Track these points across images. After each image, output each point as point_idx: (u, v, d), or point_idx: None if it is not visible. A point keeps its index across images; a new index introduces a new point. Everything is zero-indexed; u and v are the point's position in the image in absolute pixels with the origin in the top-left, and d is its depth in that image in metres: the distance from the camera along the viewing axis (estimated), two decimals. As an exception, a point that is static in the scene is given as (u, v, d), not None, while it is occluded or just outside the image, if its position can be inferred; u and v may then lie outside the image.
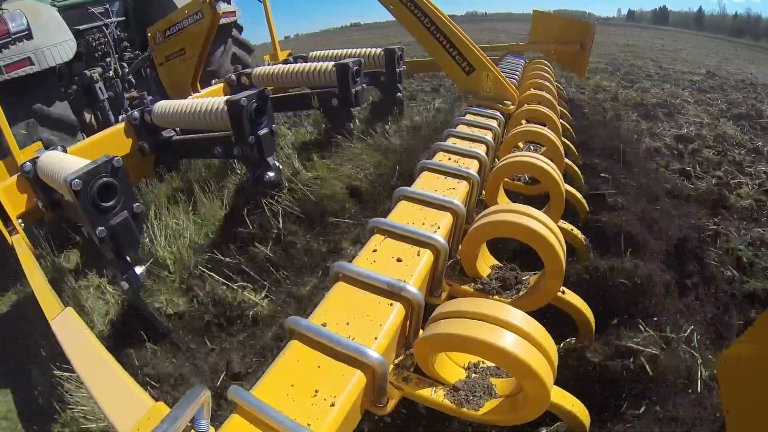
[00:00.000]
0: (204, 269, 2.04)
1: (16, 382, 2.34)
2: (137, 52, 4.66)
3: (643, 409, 1.18)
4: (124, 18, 4.70)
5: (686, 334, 1.40)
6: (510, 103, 2.11)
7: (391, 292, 0.88)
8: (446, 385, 0.89)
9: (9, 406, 2.23)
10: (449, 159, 1.51)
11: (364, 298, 0.89)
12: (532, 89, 2.44)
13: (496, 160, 1.82)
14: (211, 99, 2.31)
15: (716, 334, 1.60)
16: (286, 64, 3.71)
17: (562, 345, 1.40)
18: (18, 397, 2.27)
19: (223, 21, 3.88)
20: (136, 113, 2.63)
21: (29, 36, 3.22)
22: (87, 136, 3.53)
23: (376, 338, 0.79)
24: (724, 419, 0.68)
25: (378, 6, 2.26)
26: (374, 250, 1.04)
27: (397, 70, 3.49)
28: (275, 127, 2.29)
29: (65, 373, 1.63)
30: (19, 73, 3.16)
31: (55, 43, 3.36)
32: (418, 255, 1.01)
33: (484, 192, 1.61)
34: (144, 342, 1.79)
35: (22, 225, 2.15)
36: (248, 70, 3.52)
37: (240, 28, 4.92)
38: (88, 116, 4.32)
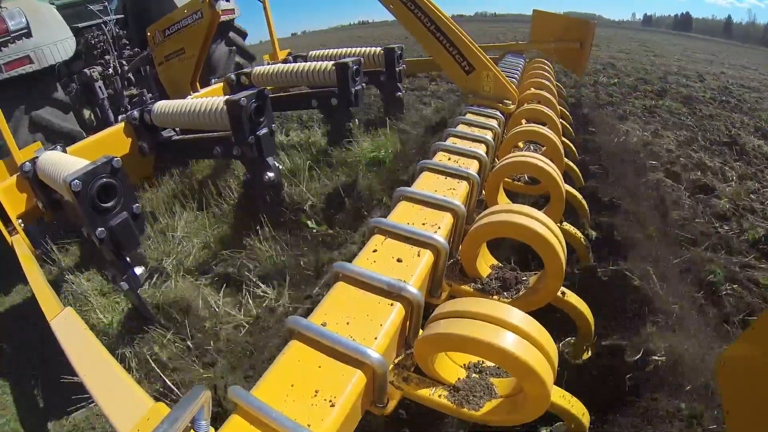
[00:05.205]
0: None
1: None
2: (136, 49, 4.64)
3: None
4: (122, 15, 4.69)
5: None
6: (510, 102, 2.11)
7: (391, 292, 0.88)
8: (446, 385, 0.89)
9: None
10: (449, 159, 1.51)
11: (364, 298, 0.88)
12: (532, 88, 2.44)
13: (496, 159, 1.82)
14: (210, 99, 2.31)
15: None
16: (286, 63, 3.70)
17: (561, 345, 1.40)
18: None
19: (221, 18, 3.88)
20: (135, 113, 2.62)
21: (28, 34, 3.20)
22: (86, 135, 3.54)
23: (376, 338, 0.79)
24: (724, 419, 0.68)
25: (386, 5, 2.23)
26: (374, 250, 1.04)
27: (397, 69, 3.49)
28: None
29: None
30: (19, 71, 3.15)
31: (54, 41, 3.35)
32: (419, 255, 1.01)
33: (484, 192, 1.61)
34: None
35: (22, 225, 2.15)
36: (248, 70, 3.51)
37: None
38: (87, 114, 4.32)
